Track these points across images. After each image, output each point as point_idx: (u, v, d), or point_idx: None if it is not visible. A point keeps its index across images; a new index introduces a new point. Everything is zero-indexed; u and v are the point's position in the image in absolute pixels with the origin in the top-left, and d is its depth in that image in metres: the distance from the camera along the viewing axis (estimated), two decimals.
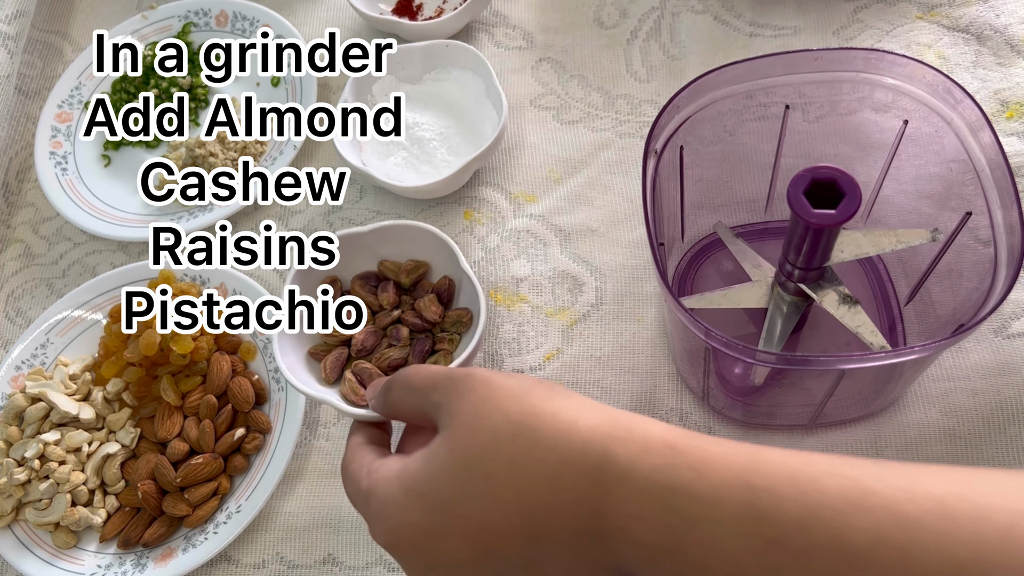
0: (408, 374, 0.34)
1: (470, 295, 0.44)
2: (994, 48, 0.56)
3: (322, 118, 0.61)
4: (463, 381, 0.31)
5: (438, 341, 0.44)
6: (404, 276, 0.46)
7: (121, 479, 0.51)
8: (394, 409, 0.35)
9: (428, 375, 0.33)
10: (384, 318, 0.45)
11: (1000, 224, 0.38)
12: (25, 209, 0.64)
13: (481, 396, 0.30)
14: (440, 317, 0.44)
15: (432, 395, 0.32)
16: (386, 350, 0.43)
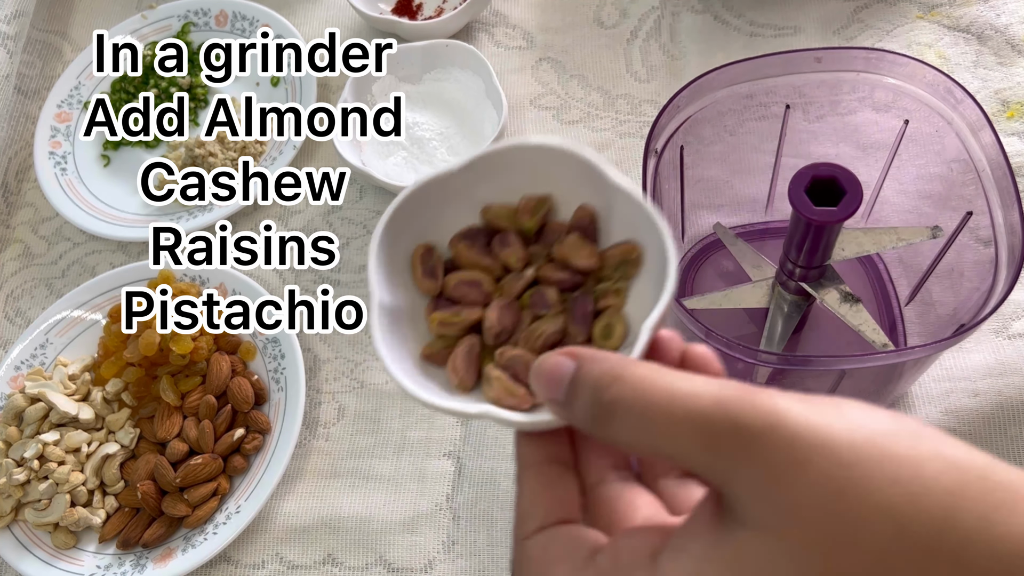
0: (644, 402, 0.20)
1: (627, 221, 0.29)
2: (995, 48, 0.56)
3: (322, 118, 0.61)
4: (767, 439, 0.18)
5: (601, 296, 0.30)
6: (526, 219, 0.31)
7: (120, 479, 0.50)
8: (617, 442, 0.22)
9: (683, 413, 0.20)
10: (515, 282, 0.30)
11: (1001, 224, 0.38)
12: (24, 209, 0.64)
13: (824, 474, 0.18)
14: (596, 261, 0.30)
15: (710, 456, 0.19)
16: (533, 325, 0.29)
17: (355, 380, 0.53)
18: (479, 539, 0.47)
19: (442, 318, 0.29)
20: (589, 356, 0.22)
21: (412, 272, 0.31)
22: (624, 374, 0.21)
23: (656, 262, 0.28)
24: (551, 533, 0.23)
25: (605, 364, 0.22)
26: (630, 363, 0.22)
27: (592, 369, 0.22)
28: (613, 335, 0.28)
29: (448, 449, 0.50)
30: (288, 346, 0.52)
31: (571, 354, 0.23)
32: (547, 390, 0.23)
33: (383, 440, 0.51)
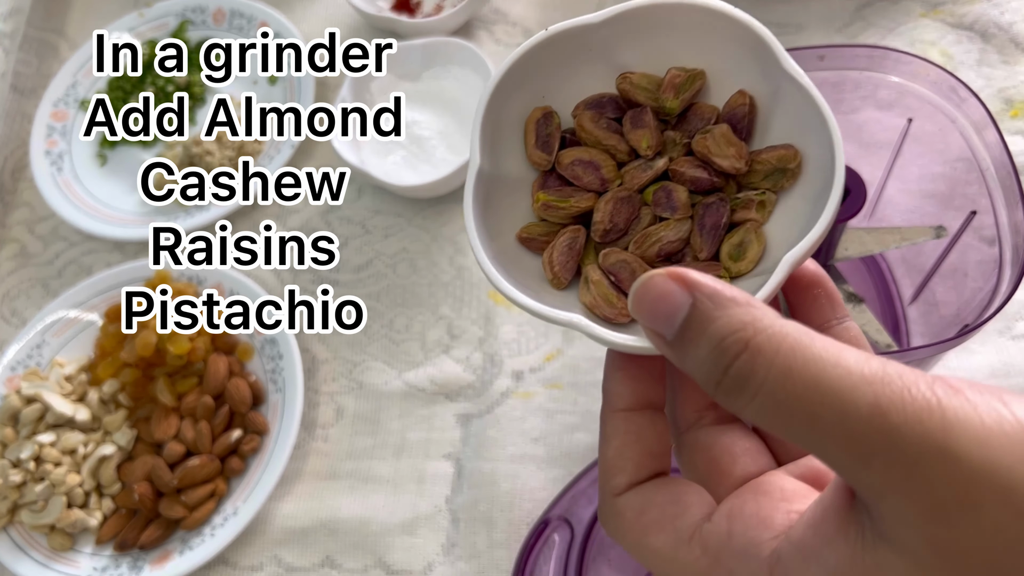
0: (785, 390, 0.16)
1: (792, 121, 0.24)
2: (999, 46, 0.55)
3: (322, 118, 0.60)
4: (933, 469, 0.15)
5: (740, 207, 0.25)
6: (669, 96, 0.25)
7: (117, 481, 0.50)
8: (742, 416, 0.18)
9: (834, 415, 0.16)
10: (640, 172, 0.25)
11: (1005, 223, 0.38)
12: (20, 208, 0.64)
13: (998, 522, 0.15)
14: (745, 163, 0.25)
15: (859, 468, 0.16)
16: (652, 227, 0.25)
17: (354, 381, 0.53)
18: (479, 541, 0.47)
19: (547, 199, 0.25)
20: (710, 292, 0.18)
21: (524, 139, 0.26)
22: (760, 342, 0.17)
23: (817, 178, 0.23)
24: (647, 493, 0.21)
25: (734, 317, 0.17)
26: (765, 321, 0.17)
27: (717, 319, 0.17)
28: (745, 257, 0.24)
29: (447, 450, 0.49)
30: (286, 346, 0.52)
31: (685, 282, 0.18)
32: (650, 319, 0.19)
33: (382, 441, 0.50)
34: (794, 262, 0.21)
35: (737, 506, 0.20)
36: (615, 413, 0.22)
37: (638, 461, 0.21)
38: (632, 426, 0.22)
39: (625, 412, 0.22)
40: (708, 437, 0.23)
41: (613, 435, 0.22)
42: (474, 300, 0.54)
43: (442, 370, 0.52)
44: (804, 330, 0.17)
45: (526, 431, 0.49)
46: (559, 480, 0.47)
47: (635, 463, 0.21)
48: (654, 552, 0.20)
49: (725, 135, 0.25)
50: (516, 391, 0.50)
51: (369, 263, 0.56)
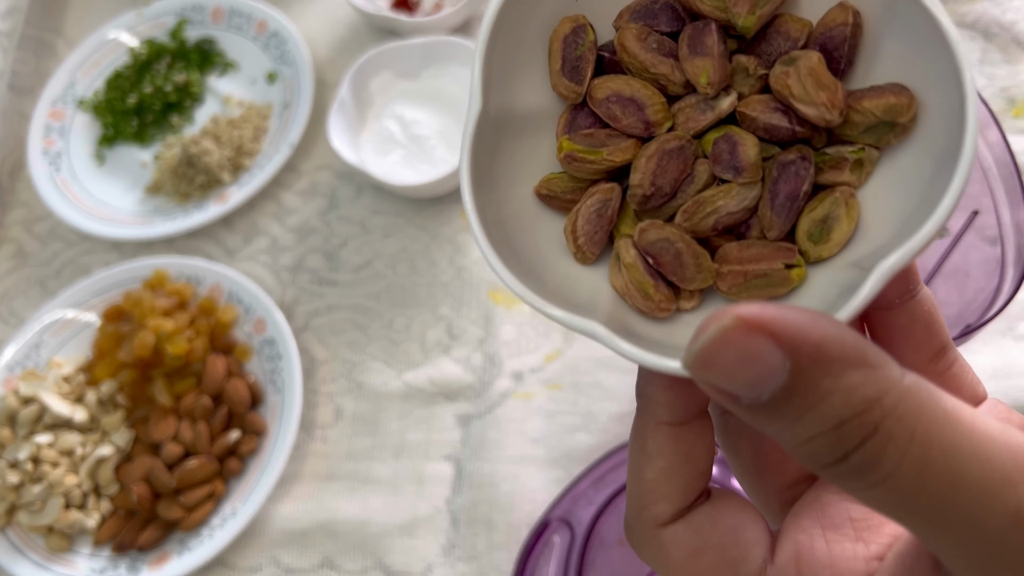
0: (923, 485, 0.14)
1: (908, 51, 0.18)
2: (1001, 45, 0.55)
3: (319, 113, 0.60)
4: None
5: (828, 166, 0.19)
6: (743, 10, 0.19)
7: (115, 482, 0.50)
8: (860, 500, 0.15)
9: (976, 530, 0.14)
10: (698, 113, 0.19)
11: (1007, 223, 0.38)
12: (18, 208, 0.63)
13: None
14: (839, 113, 0.18)
15: (977, 570, 0.14)
16: (707, 192, 0.19)
17: (353, 381, 0.52)
18: (478, 543, 0.46)
19: (573, 149, 0.19)
20: (814, 352, 0.13)
21: (548, 61, 0.20)
22: (891, 427, 0.13)
23: (935, 135, 0.17)
24: (699, 529, 0.18)
25: (856, 393, 0.14)
26: (892, 394, 0.14)
27: (832, 394, 0.14)
28: (830, 238, 0.18)
29: (447, 451, 0.49)
30: (284, 347, 0.51)
31: (779, 337, 0.13)
32: (726, 382, 0.14)
33: (381, 442, 0.50)
34: (896, 269, 0.15)
35: (806, 548, 0.17)
36: (660, 427, 0.18)
37: (686, 485, 0.18)
38: (682, 444, 0.18)
39: (673, 427, 0.18)
40: None
41: (657, 454, 0.18)
42: (474, 300, 0.53)
43: (442, 370, 0.51)
44: (938, 402, 0.14)
45: (526, 432, 0.49)
46: (559, 481, 0.47)
47: (682, 488, 0.18)
48: None
49: (815, 70, 0.18)
50: (516, 392, 0.50)
51: (368, 263, 0.56)
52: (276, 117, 0.62)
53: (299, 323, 0.55)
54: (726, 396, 0.14)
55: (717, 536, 0.18)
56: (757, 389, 0.14)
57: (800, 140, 0.19)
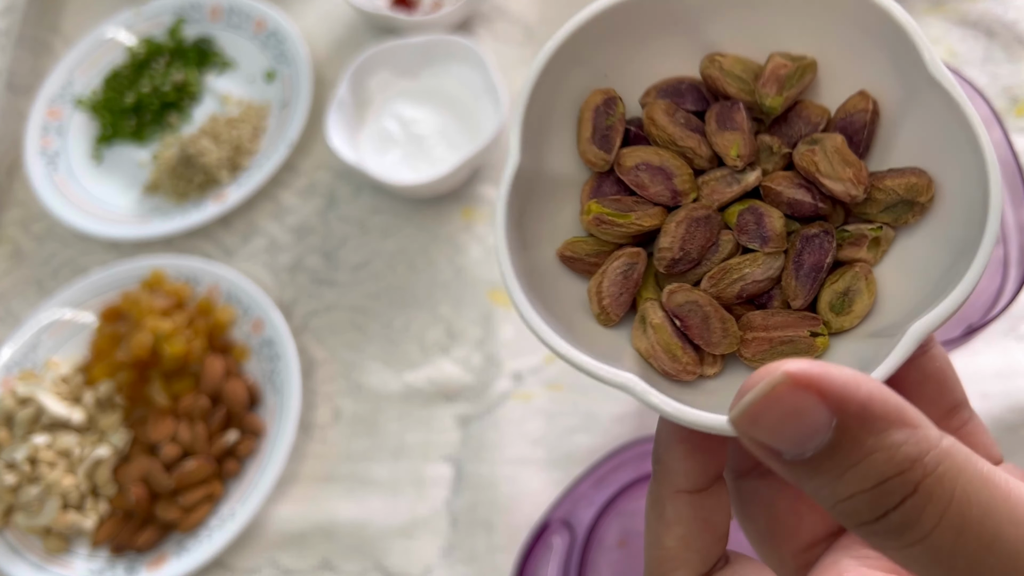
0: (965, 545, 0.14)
1: (927, 136, 0.19)
2: (1004, 44, 0.55)
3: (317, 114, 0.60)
4: None
5: (847, 242, 0.20)
6: (770, 92, 0.20)
7: (113, 483, 0.50)
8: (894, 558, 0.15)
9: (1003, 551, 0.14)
10: (723, 187, 0.20)
11: (1010, 223, 0.38)
12: (15, 208, 0.63)
13: None
14: (863, 189, 0.19)
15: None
16: (732, 260, 0.19)
17: (351, 382, 0.52)
18: (478, 544, 0.46)
19: (601, 212, 0.19)
20: (860, 411, 0.14)
21: (578, 128, 0.21)
22: (931, 486, 0.14)
23: (952, 217, 0.18)
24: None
25: (899, 451, 0.14)
26: (933, 454, 0.14)
27: (874, 452, 0.14)
28: (851, 310, 0.19)
29: (446, 453, 0.49)
30: (283, 347, 0.51)
31: (825, 394, 0.14)
32: (770, 437, 0.14)
33: (380, 443, 0.50)
34: (925, 333, 0.16)
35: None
36: (679, 495, 0.18)
37: (706, 552, 0.18)
38: (701, 511, 0.18)
39: (691, 494, 0.18)
40: (769, 490, 0.20)
41: (676, 521, 0.18)
42: (473, 300, 0.53)
43: (441, 371, 0.51)
44: (975, 464, 0.14)
45: (526, 433, 0.49)
46: (559, 483, 0.46)
47: (703, 555, 0.18)
48: None
49: (839, 149, 0.19)
50: (516, 392, 0.50)
51: (367, 263, 0.56)
52: (274, 116, 0.62)
53: (297, 323, 0.55)
54: (769, 452, 0.15)
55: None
56: (802, 446, 0.14)
57: (821, 216, 0.20)
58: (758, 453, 0.15)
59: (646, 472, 0.42)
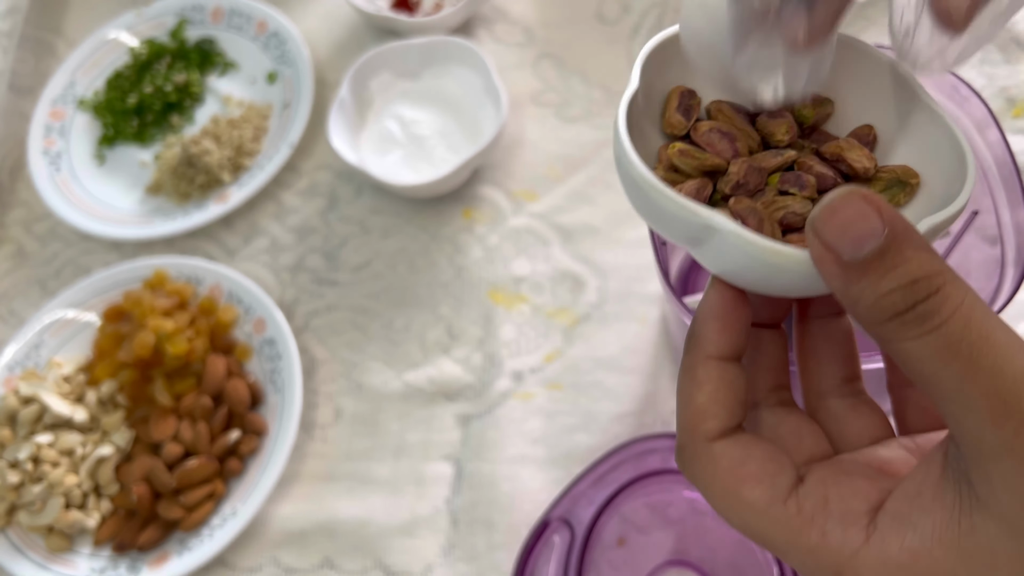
0: (959, 334, 0.18)
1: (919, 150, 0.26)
2: (1001, 45, 0.55)
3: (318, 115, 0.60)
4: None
5: None
6: (808, 108, 0.28)
7: (115, 482, 0.50)
8: (900, 354, 0.19)
9: (991, 370, 0.18)
10: (771, 157, 0.26)
11: (1007, 223, 0.38)
12: (18, 208, 0.63)
13: None
14: (875, 165, 0.26)
15: (989, 426, 0.18)
16: (779, 197, 0.25)
17: (353, 382, 0.52)
18: (478, 543, 0.46)
19: (683, 147, 0.25)
20: (905, 230, 0.18)
21: (664, 106, 0.27)
22: (951, 291, 0.18)
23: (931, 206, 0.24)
24: (745, 445, 0.21)
25: (931, 262, 0.18)
26: (950, 274, 0.18)
27: (913, 258, 0.18)
28: None
29: (447, 452, 0.49)
30: (284, 347, 0.51)
31: (882, 211, 0.19)
32: (836, 235, 0.19)
33: (381, 443, 0.50)
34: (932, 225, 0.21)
35: (831, 476, 0.21)
36: (709, 360, 0.22)
37: (731, 409, 0.22)
38: (727, 374, 0.22)
39: (719, 360, 0.22)
40: (774, 417, 0.24)
41: (706, 380, 0.22)
42: (474, 300, 0.53)
43: (441, 370, 0.51)
44: (981, 299, 0.19)
45: (526, 432, 0.49)
46: (559, 481, 0.47)
47: (728, 411, 0.22)
48: (747, 504, 0.20)
49: (853, 143, 0.26)
50: (516, 392, 0.50)
51: (368, 263, 0.56)
52: (276, 117, 0.62)
53: (299, 323, 0.55)
54: (832, 254, 0.19)
55: (760, 452, 0.21)
56: (860, 245, 0.19)
57: None
58: (823, 259, 0.19)
59: (646, 471, 0.42)
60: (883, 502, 0.20)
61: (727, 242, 0.21)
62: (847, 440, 0.23)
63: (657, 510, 0.43)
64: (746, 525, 0.21)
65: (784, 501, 0.20)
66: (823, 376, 0.24)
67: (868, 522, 0.19)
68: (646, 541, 0.43)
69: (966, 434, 0.18)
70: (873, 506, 0.20)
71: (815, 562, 0.20)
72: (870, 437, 0.23)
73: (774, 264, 0.21)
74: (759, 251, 0.21)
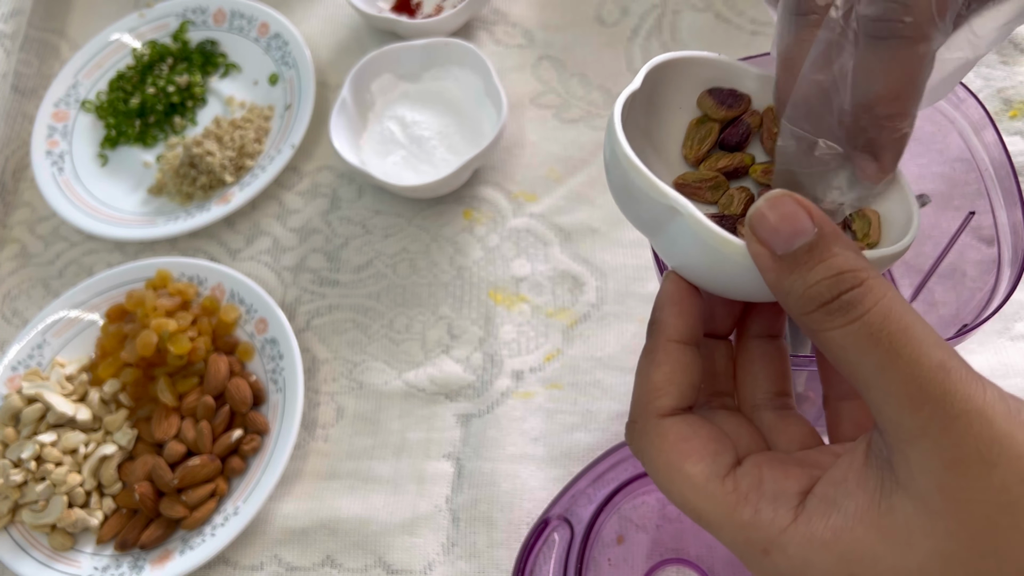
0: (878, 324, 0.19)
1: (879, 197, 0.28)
2: (998, 47, 0.55)
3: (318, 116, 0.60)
4: (970, 426, 0.18)
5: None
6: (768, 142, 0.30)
7: (118, 481, 0.50)
8: (826, 343, 0.20)
9: (909, 358, 0.19)
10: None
11: (1003, 224, 0.38)
12: (21, 209, 0.64)
13: (1005, 482, 0.18)
14: None
15: (907, 411, 0.19)
16: None
17: (354, 381, 0.53)
18: (479, 541, 0.47)
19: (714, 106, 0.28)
20: (832, 230, 0.20)
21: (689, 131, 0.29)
22: (873, 284, 0.20)
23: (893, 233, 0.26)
24: (693, 423, 0.23)
25: (854, 258, 0.20)
26: (873, 271, 0.20)
27: (838, 254, 0.20)
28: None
29: (447, 450, 0.50)
30: (286, 346, 0.52)
31: (811, 213, 0.21)
32: (770, 232, 0.21)
33: (382, 441, 0.51)
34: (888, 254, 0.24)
35: (766, 461, 0.22)
36: (669, 342, 0.24)
37: (684, 390, 0.23)
38: (684, 356, 0.23)
39: (677, 343, 0.24)
40: (716, 417, 0.25)
41: (664, 361, 0.23)
42: (474, 300, 0.54)
43: (442, 370, 0.52)
44: (902, 297, 0.20)
45: (526, 431, 0.49)
46: (559, 480, 0.47)
47: (681, 391, 0.23)
48: (686, 478, 0.22)
49: None
50: (516, 391, 0.50)
51: (369, 263, 0.56)
52: (278, 118, 0.62)
53: (301, 323, 0.55)
54: (763, 249, 0.21)
55: (705, 432, 0.23)
56: (791, 240, 0.20)
57: None
58: (758, 254, 0.21)
59: (644, 470, 0.42)
60: (812, 487, 0.21)
61: (685, 227, 0.23)
62: (778, 448, 0.25)
63: (656, 508, 0.43)
64: (684, 499, 0.22)
65: (722, 478, 0.21)
66: (757, 389, 0.26)
67: (798, 503, 0.21)
68: (645, 539, 0.43)
69: (886, 420, 0.19)
70: (804, 489, 0.21)
71: (745, 538, 0.21)
72: (800, 445, 0.24)
73: (720, 252, 0.22)
74: (709, 236, 0.22)
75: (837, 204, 0.25)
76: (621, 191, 0.25)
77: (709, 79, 0.29)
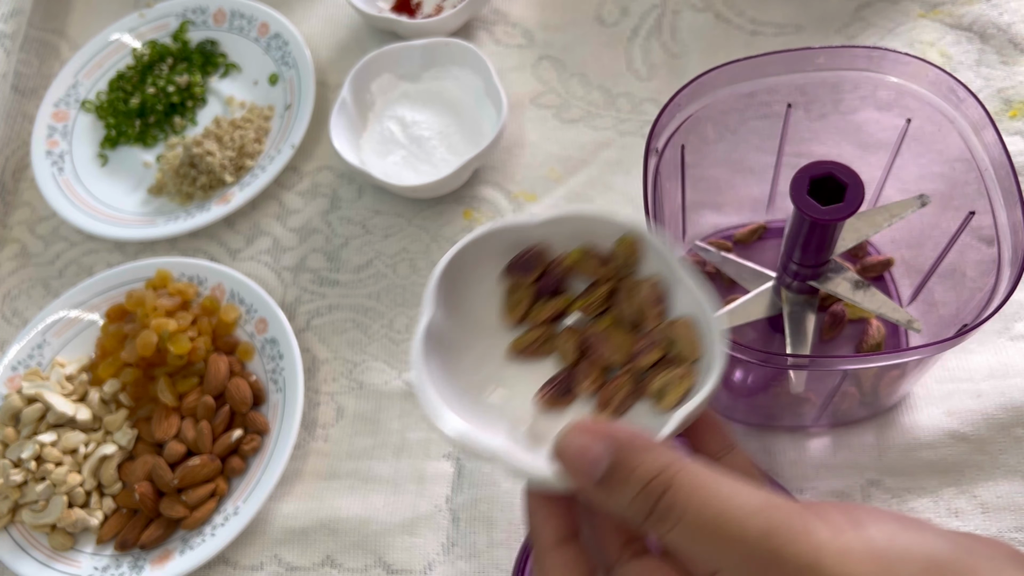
0: (700, 518, 0.21)
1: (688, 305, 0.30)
2: (997, 47, 0.55)
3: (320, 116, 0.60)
4: (808, 571, 0.20)
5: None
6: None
7: (118, 480, 0.50)
8: (666, 542, 0.22)
9: (736, 535, 0.21)
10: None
11: (1004, 223, 0.38)
12: (21, 208, 0.64)
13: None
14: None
15: (751, 572, 0.20)
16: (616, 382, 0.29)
17: (354, 381, 0.53)
18: (479, 540, 0.47)
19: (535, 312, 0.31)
20: (627, 440, 0.22)
21: (505, 299, 0.31)
22: (680, 482, 0.21)
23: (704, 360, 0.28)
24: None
25: (655, 462, 0.22)
26: (679, 463, 0.22)
27: (639, 465, 0.22)
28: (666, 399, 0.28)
29: (448, 450, 0.50)
30: (286, 346, 0.52)
31: (602, 434, 0.23)
32: (573, 470, 0.23)
33: (382, 441, 0.51)
34: (684, 418, 0.25)
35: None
36: (550, 549, 0.25)
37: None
38: (568, 557, 0.25)
39: (557, 547, 0.25)
40: (632, 571, 0.25)
41: (552, 569, 0.25)
42: None
43: None
44: (708, 469, 0.22)
45: None
46: None
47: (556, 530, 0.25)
48: None
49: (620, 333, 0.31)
50: None
51: (369, 263, 0.56)
52: (278, 118, 0.62)
53: (300, 323, 0.55)
54: (578, 479, 0.23)
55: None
56: (593, 471, 0.22)
57: None
58: (574, 482, 0.23)
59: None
60: None
61: (509, 465, 0.25)
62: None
63: None
64: None
65: None
66: (609, 548, 0.26)
67: None
68: None
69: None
70: None
71: None
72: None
73: (548, 482, 0.24)
74: (527, 473, 0.25)
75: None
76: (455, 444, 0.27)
77: (501, 248, 0.31)
